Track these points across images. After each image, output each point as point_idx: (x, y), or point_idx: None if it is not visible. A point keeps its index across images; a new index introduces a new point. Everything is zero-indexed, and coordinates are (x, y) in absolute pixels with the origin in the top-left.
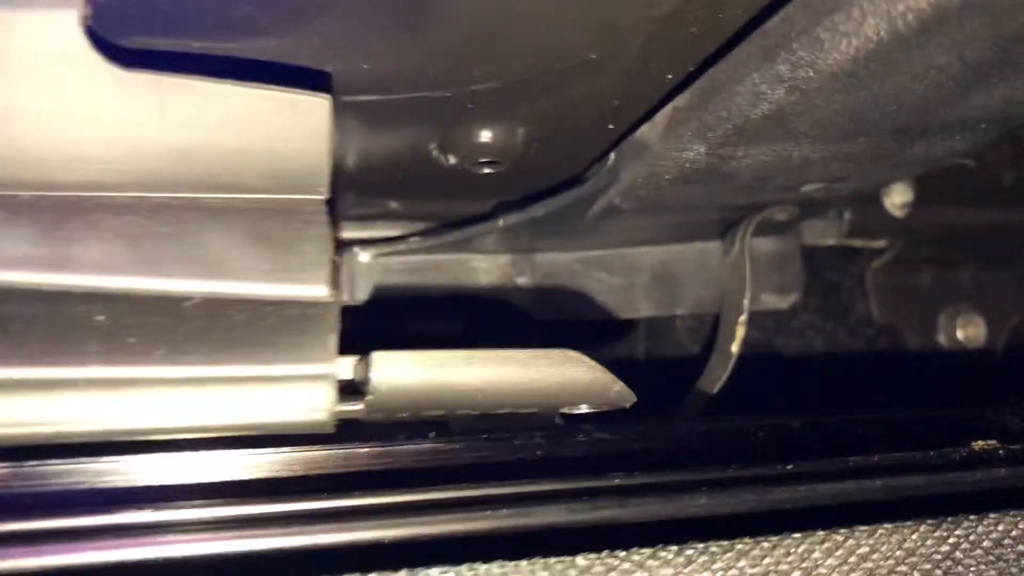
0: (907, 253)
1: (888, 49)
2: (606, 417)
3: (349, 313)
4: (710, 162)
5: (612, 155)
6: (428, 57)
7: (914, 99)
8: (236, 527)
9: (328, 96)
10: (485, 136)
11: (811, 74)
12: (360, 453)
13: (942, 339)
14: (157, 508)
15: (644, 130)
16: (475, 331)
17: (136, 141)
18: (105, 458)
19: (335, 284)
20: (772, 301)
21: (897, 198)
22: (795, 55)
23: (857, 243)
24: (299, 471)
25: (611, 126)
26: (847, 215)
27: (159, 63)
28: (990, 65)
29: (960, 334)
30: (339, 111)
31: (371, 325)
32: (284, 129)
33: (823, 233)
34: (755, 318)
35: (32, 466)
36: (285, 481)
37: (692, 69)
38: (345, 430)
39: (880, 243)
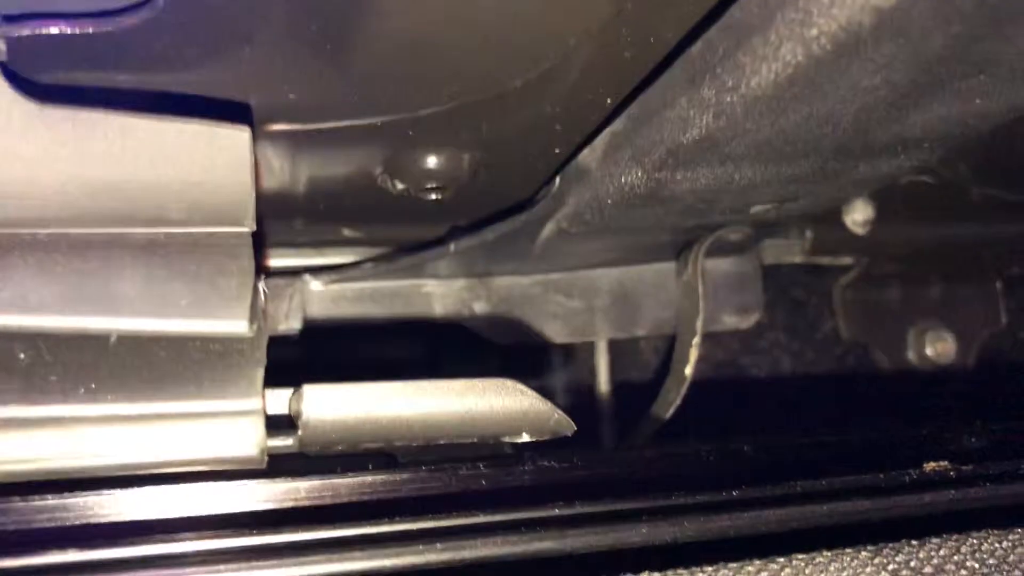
0: (874, 270)
1: (807, 72)
2: (555, 445)
3: (302, 341)
4: (649, 186)
5: (557, 180)
6: (353, 86)
7: (847, 120)
8: (169, 565)
9: (247, 128)
10: (431, 162)
11: (735, 98)
12: (300, 487)
13: (912, 356)
14: (84, 548)
15: (585, 155)
16: (432, 357)
17: (55, 177)
18: (28, 497)
19: (257, 318)
20: (732, 322)
21: (858, 215)
22: (719, 79)
23: (823, 260)
24: (236, 506)
25: (556, 150)
26: (808, 233)
27: (76, 98)
28: (919, 85)
29: (929, 350)
30: (275, 140)
31: (325, 353)
32: (205, 161)
33: (787, 251)
34: (720, 338)
35: None
36: (221, 517)
37: (627, 93)
38: (288, 464)
39: (846, 260)
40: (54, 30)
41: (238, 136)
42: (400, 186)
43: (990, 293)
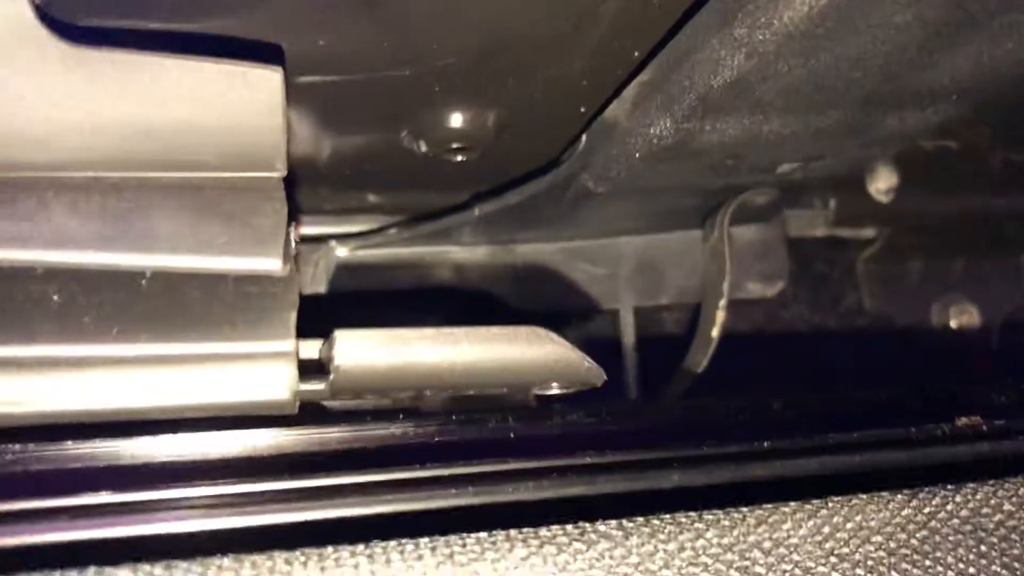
0: (897, 242)
1: (841, 5)
2: (581, 400)
3: (328, 306)
4: (678, 137)
5: (584, 137)
6: (383, 32)
7: (878, 64)
8: (205, 507)
9: (279, 68)
10: (455, 121)
11: (768, 36)
12: (330, 435)
13: (935, 329)
14: (116, 491)
15: (612, 108)
16: (456, 324)
17: (89, 120)
18: (61, 442)
19: (290, 261)
20: (757, 289)
21: (882, 183)
22: (751, 17)
23: (846, 233)
24: (268, 452)
25: (582, 108)
26: (832, 203)
27: (109, 40)
28: (950, 25)
29: (954, 323)
30: (304, 96)
31: (350, 318)
32: (237, 103)
33: (811, 224)
34: (744, 309)
35: None
36: (254, 461)
37: (656, 42)
38: (317, 415)
39: (869, 232)
40: None
41: (271, 77)
42: (424, 148)
43: (1015, 266)
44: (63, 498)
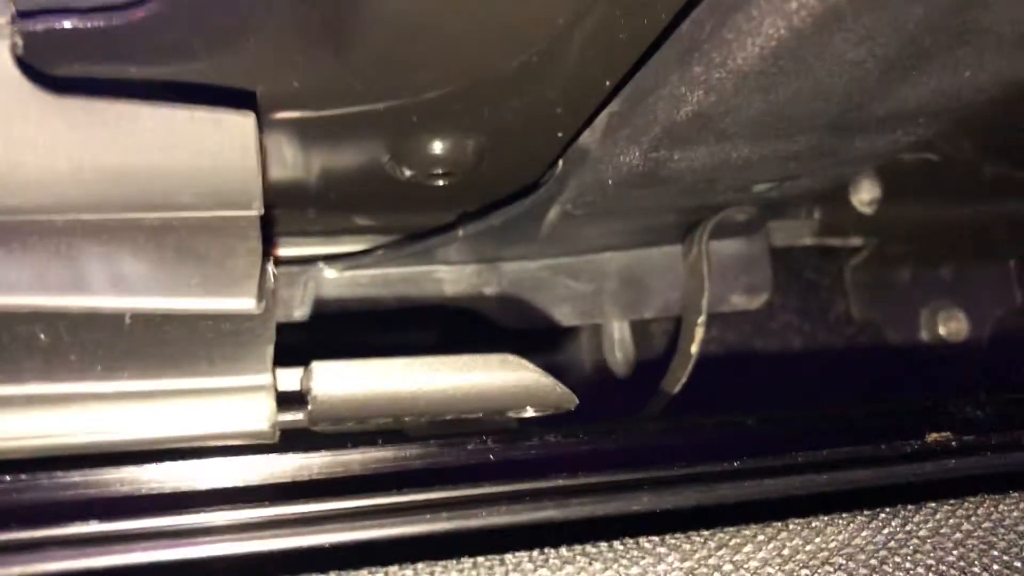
0: (884, 250)
1: (791, 46)
2: (560, 420)
3: (317, 327)
4: (647, 166)
5: (560, 162)
6: (354, 72)
7: (838, 94)
8: (190, 534)
9: (251, 113)
10: (436, 148)
11: (724, 74)
12: (312, 461)
13: (924, 335)
14: (104, 520)
15: (585, 136)
16: (444, 341)
17: (69, 164)
18: (51, 472)
19: (266, 297)
20: (741, 302)
21: (864, 195)
22: (707, 56)
23: (833, 242)
24: (252, 480)
25: (559, 134)
26: (817, 214)
27: (87, 89)
28: (904, 58)
29: (942, 330)
30: (284, 129)
31: (339, 339)
32: (213, 147)
33: (797, 233)
34: (732, 320)
35: None
36: (239, 489)
37: (624, 74)
38: (301, 439)
39: (856, 241)
40: (67, 24)
41: (244, 122)
42: (408, 173)
43: (1003, 272)
44: (53, 528)
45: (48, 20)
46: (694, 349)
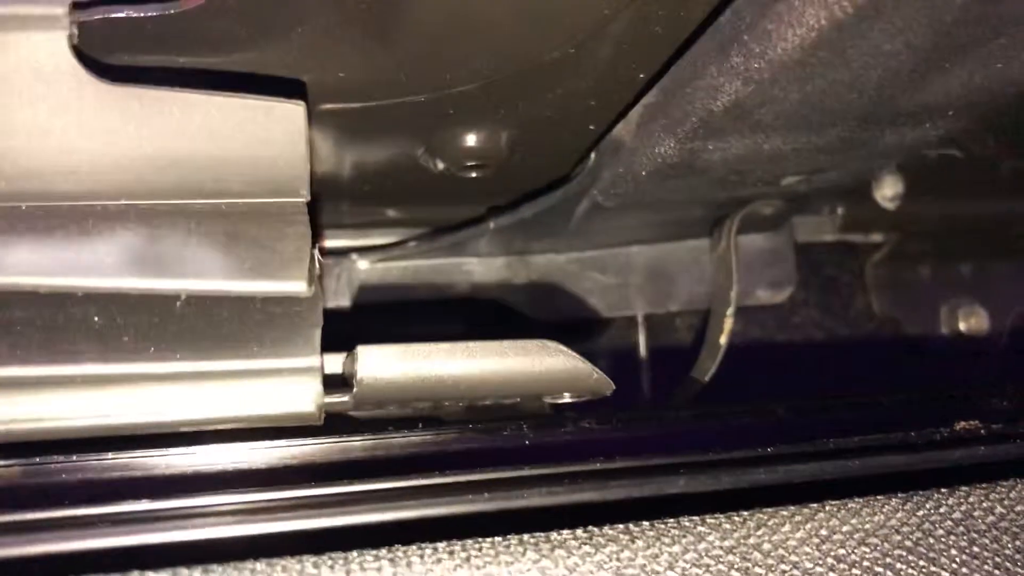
0: (905, 247)
1: (831, 37)
2: (594, 405)
3: (350, 317)
4: (682, 156)
5: (592, 155)
6: (399, 64)
7: (871, 86)
8: (238, 513)
9: (302, 103)
10: (470, 140)
11: (763, 65)
12: (354, 445)
13: (944, 331)
14: (155, 499)
15: (619, 128)
16: (474, 333)
17: (124, 152)
18: (103, 453)
19: (314, 281)
20: (766, 296)
21: (888, 191)
22: (746, 47)
23: (854, 238)
24: (296, 461)
25: (591, 126)
26: (840, 210)
27: (142, 77)
28: (939, 50)
29: (963, 326)
30: (326, 121)
31: (372, 329)
32: (262, 135)
33: (819, 229)
34: (754, 314)
35: (37, 463)
36: (284, 471)
37: (659, 66)
38: (341, 425)
39: (877, 237)
40: (121, 14)
41: (294, 111)
42: (441, 165)
43: (1023, 268)
44: (106, 505)
45: (103, 10)
46: (723, 340)
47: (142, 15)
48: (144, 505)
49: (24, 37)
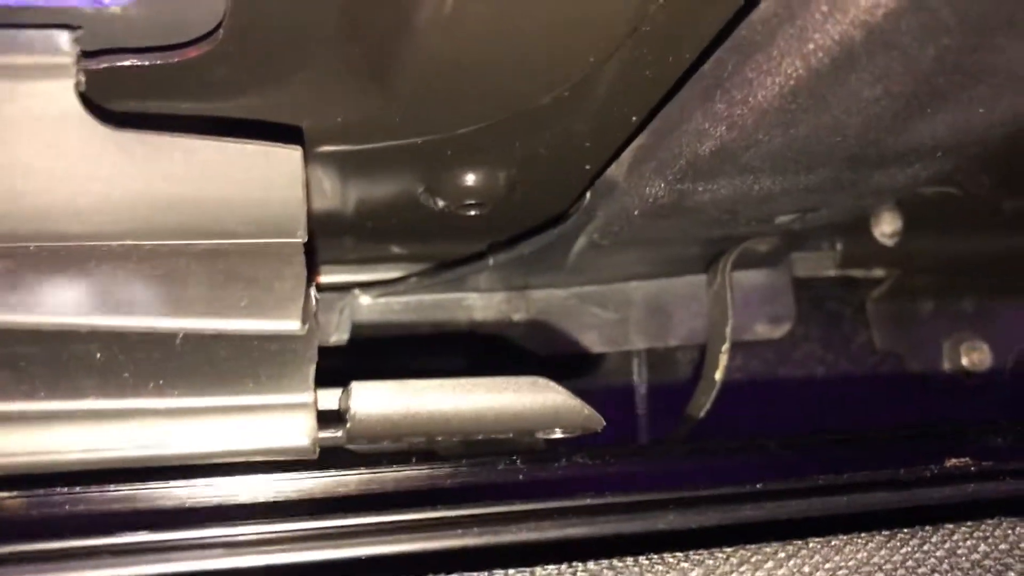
0: (907, 282)
1: (809, 84)
2: (588, 443)
3: (353, 352)
4: (672, 197)
5: (588, 194)
6: (396, 108)
7: (855, 130)
8: (235, 546)
9: (299, 147)
10: (469, 180)
11: (745, 111)
12: (349, 479)
13: (947, 367)
14: (155, 531)
15: (612, 169)
16: (475, 367)
17: (127, 194)
18: (106, 486)
19: (309, 319)
20: (765, 331)
21: (886, 227)
22: (729, 94)
23: (855, 273)
24: (293, 495)
25: (587, 166)
26: (839, 246)
27: (146, 123)
28: (919, 96)
29: (965, 361)
30: (326, 161)
31: (374, 363)
32: (261, 179)
33: (820, 264)
34: (756, 349)
35: (40, 495)
36: (280, 504)
37: (650, 110)
38: (339, 460)
39: (878, 273)
40: (126, 63)
41: (291, 155)
42: (441, 203)
43: None
44: (107, 537)
45: (109, 59)
46: (718, 376)
47: (147, 63)
48: (144, 537)
49: (33, 85)
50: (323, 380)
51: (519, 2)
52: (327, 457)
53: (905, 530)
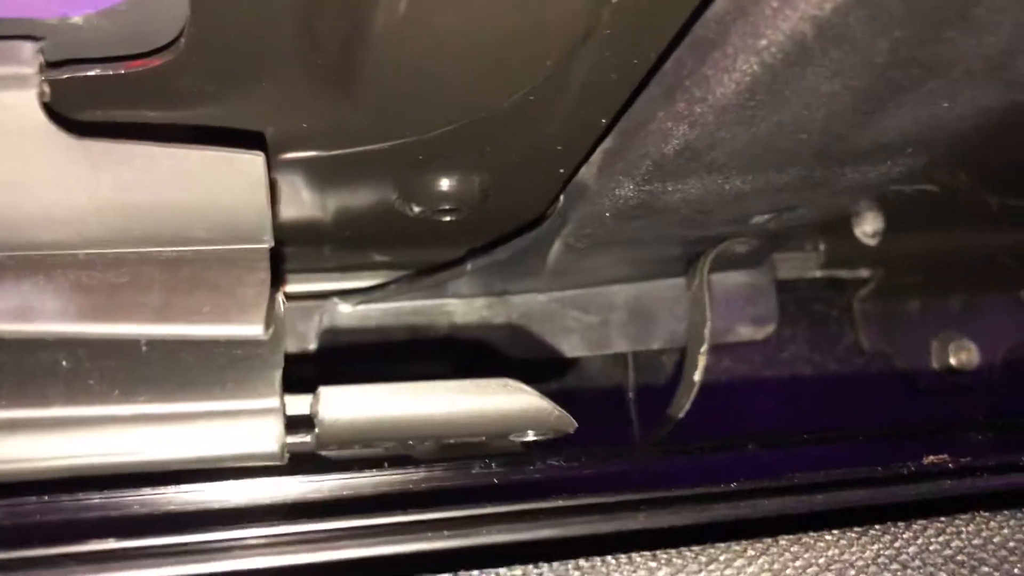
0: (893, 281)
1: (765, 80)
2: (564, 446)
3: (332, 360)
4: (641, 198)
5: (561, 198)
6: (360, 113)
7: (818, 126)
8: (205, 552)
9: (261, 153)
10: (443, 185)
11: (706, 109)
12: (322, 484)
13: (935, 366)
14: (123, 538)
15: (583, 171)
16: (456, 373)
17: (91, 203)
18: (74, 494)
19: (274, 324)
20: (748, 333)
21: (868, 227)
22: (689, 92)
23: (840, 273)
24: (264, 501)
25: (560, 170)
26: (823, 246)
27: (109, 132)
28: (878, 90)
29: (953, 360)
30: (295, 169)
31: (354, 371)
32: (224, 185)
33: (804, 265)
34: (741, 351)
35: (6, 504)
36: (252, 510)
37: (617, 111)
38: (312, 464)
39: (863, 272)
40: (90, 73)
41: (254, 161)
42: (416, 209)
43: (1013, 301)
44: (75, 545)
45: (73, 69)
46: (697, 377)
47: (110, 73)
48: (114, 544)
49: None
50: (302, 388)
51: (470, 8)
52: (300, 462)
53: (877, 526)
